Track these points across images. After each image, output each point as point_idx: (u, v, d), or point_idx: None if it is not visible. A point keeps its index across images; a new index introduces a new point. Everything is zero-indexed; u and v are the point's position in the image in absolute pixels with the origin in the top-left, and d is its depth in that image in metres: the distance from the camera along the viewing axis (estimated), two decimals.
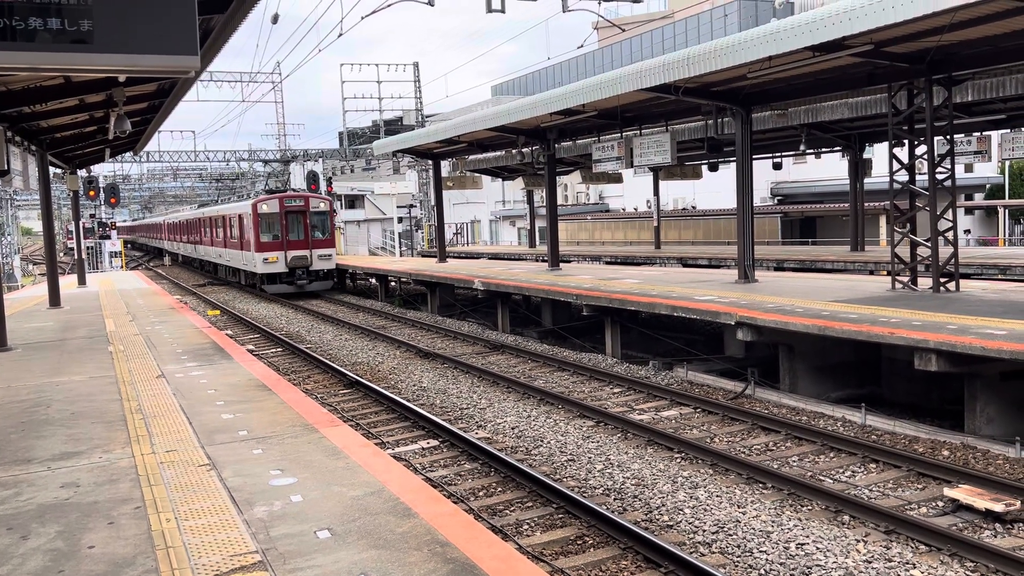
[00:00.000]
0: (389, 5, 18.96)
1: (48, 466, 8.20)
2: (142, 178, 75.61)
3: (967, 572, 7.45)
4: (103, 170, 60.94)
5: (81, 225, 34.20)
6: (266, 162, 56.75)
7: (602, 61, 66.13)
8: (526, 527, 8.99)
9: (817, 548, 8.07)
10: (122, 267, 52.88)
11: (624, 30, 32.56)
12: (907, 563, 7.67)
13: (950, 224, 16.44)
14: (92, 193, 33.46)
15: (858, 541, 8.20)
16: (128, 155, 43.94)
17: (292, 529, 6.27)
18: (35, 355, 15.17)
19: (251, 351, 18.13)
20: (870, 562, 7.72)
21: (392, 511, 6.56)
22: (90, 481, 7.65)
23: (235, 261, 39.66)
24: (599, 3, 21.26)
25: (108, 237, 52.28)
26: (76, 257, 35.70)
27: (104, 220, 53.64)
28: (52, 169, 27.70)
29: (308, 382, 17.16)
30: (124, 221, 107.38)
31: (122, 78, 13.48)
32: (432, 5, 19.03)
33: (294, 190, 48.27)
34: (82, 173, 32.81)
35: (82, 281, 32.96)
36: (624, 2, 21.79)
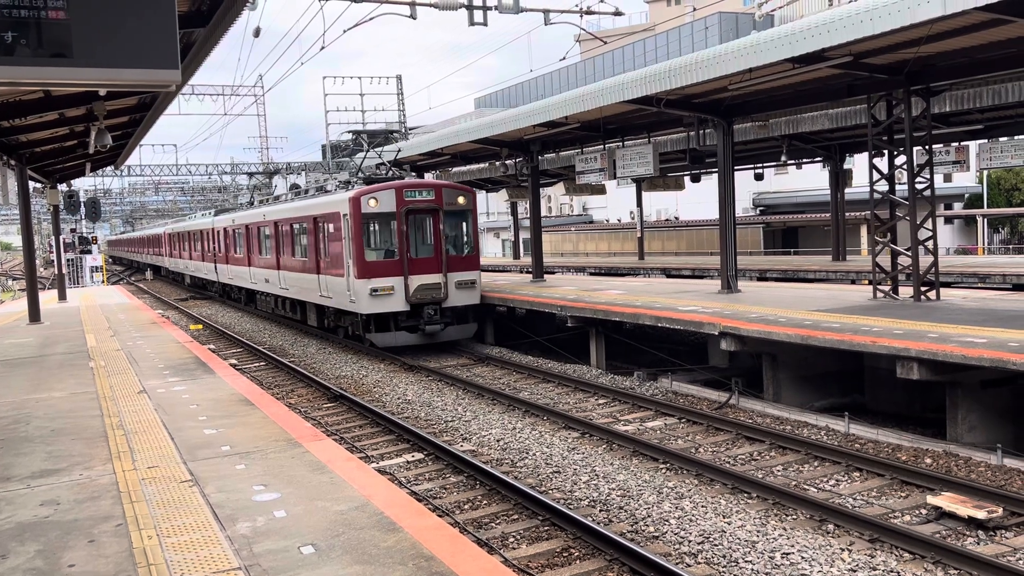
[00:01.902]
0: (371, 18, 18.95)
1: (28, 484, 8.11)
2: (123, 192, 75.37)
3: None
4: (84, 184, 60.63)
5: (61, 240, 33.97)
6: (250, 175, 56.36)
7: (584, 73, 66.41)
8: (512, 540, 8.96)
9: (802, 557, 8.08)
10: (103, 282, 52.52)
11: (606, 43, 32.71)
12: (891, 571, 7.69)
13: (930, 233, 16.55)
14: (73, 208, 33.18)
15: (843, 550, 8.21)
16: (109, 169, 43.76)
17: (276, 545, 6.22)
18: (14, 371, 15.03)
19: (234, 365, 18.03)
20: (855, 571, 7.74)
21: (377, 525, 6.52)
22: (70, 499, 7.57)
23: (306, 292, 25.28)
24: (581, 16, 21.30)
25: (89, 252, 51.87)
26: (56, 272, 35.42)
27: (85, 235, 53.20)
28: (32, 183, 27.55)
29: (292, 396, 17.07)
30: (106, 235, 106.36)
31: (102, 92, 13.43)
32: (414, 18, 19.02)
33: (412, 175, 32.68)
34: (62, 187, 32.59)
35: (63, 296, 32.69)
36: (606, 15, 21.83)
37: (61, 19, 5.33)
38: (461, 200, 21.91)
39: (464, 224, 22.27)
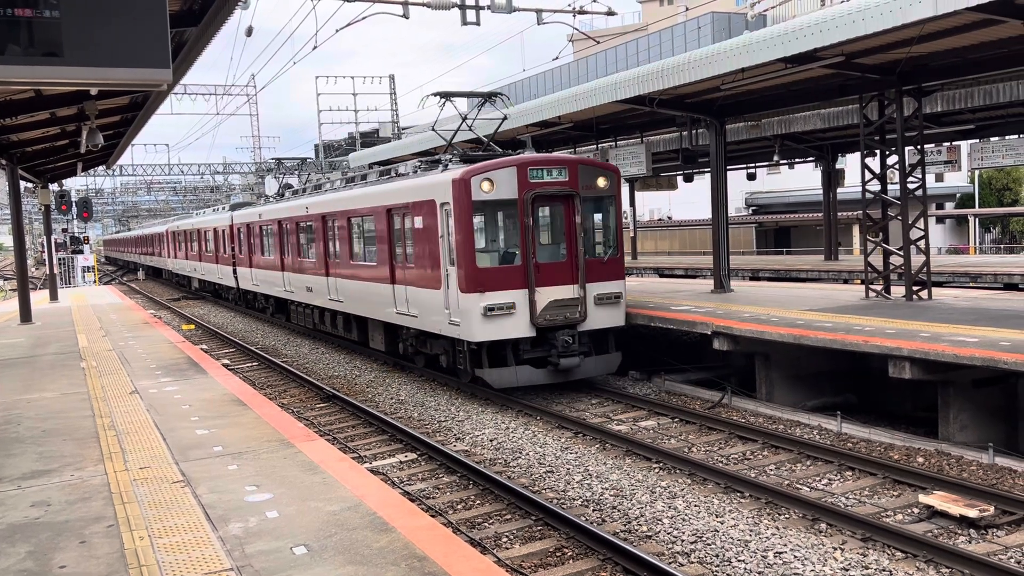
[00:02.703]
0: (363, 18, 18.92)
1: (18, 485, 8.08)
2: (115, 192, 75.20)
3: None
4: (75, 184, 60.49)
5: (53, 240, 33.86)
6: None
7: (577, 73, 66.42)
8: (505, 540, 8.95)
9: (795, 556, 8.09)
10: (95, 282, 52.35)
11: (599, 42, 32.77)
12: (884, 570, 7.71)
13: (922, 233, 16.60)
14: (64, 207, 33.06)
15: (835, 549, 8.23)
16: (101, 169, 43.67)
17: (268, 546, 6.21)
18: (5, 372, 14.97)
19: (226, 366, 17.99)
20: (847, 569, 7.75)
21: (369, 526, 6.51)
22: (62, 499, 7.54)
23: (372, 306, 19.35)
24: (574, 16, 21.32)
25: (81, 252, 51.68)
26: (48, 272, 35.29)
27: (77, 235, 52.99)
28: (23, 183, 27.43)
29: (284, 396, 17.03)
30: (98, 235, 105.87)
31: (94, 91, 13.39)
32: (407, 18, 18.99)
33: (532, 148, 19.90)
34: (54, 187, 32.49)
35: (54, 296, 32.59)
36: (599, 15, 21.88)
37: (52, 18, 5.30)
38: (602, 182, 15.85)
39: (605, 215, 16.33)
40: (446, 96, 18.25)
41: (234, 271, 33.35)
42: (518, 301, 14.92)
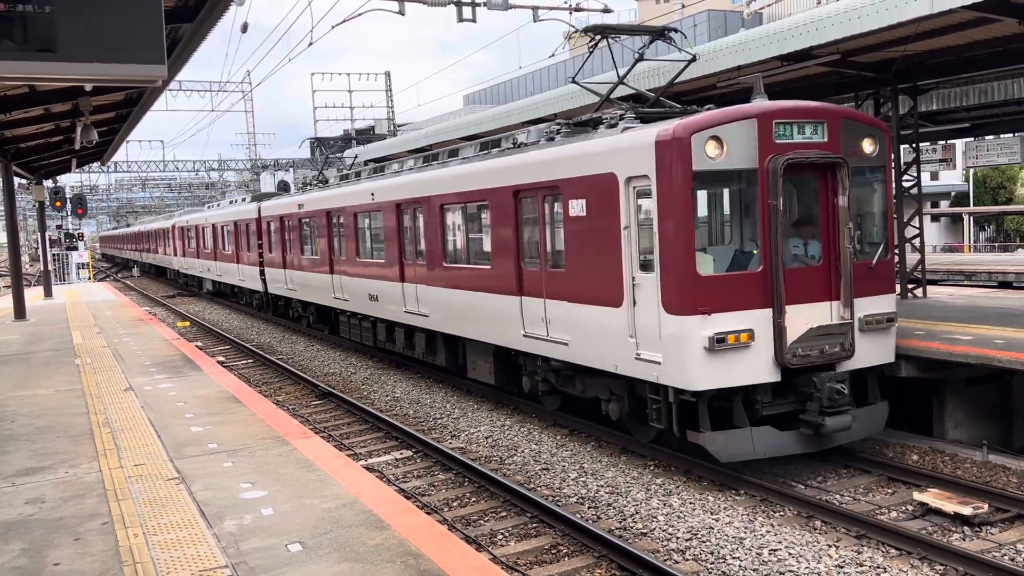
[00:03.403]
0: (359, 14, 18.90)
1: (12, 482, 8.07)
2: (110, 188, 75.06)
3: (937, 575, 7.51)
4: (70, 180, 60.43)
5: (47, 236, 33.80)
6: (242, 170, 56.14)
7: (573, 70, 66.48)
8: (500, 537, 8.95)
9: (790, 554, 8.10)
10: (90, 279, 52.28)
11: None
12: (878, 567, 7.72)
13: (917, 231, 16.63)
14: (59, 204, 32.98)
15: (830, 546, 8.24)
16: (95, 165, 43.57)
17: (263, 543, 6.20)
18: None
19: (221, 363, 17.97)
20: (842, 566, 7.76)
21: (365, 523, 6.51)
22: (56, 497, 7.53)
23: (484, 323, 14.25)
24: (570, 13, 21.34)
25: (75, 248, 51.60)
26: (42, 269, 35.22)
27: (71, 231, 52.88)
28: (17, 179, 27.37)
29: (280, 394, 17.01)
30: (93, 232, 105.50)
31: (88, 87, 13.35)
32: (403, 14, 18.96)
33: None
34: (48, 183, 32.42)
35: (48, 293, 32.53)
36: (595, 12, 21.86)
37: (47, 14, 5.29)
38: (868, 146, 10.84)
39: (871, 195, 11.36)
40: (603, 32, 13.01)
41: (261, 272, 28.16)
42: (758, 328, 9.92)
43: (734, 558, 8.11)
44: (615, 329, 10.71)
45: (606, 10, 21.90)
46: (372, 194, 18.38)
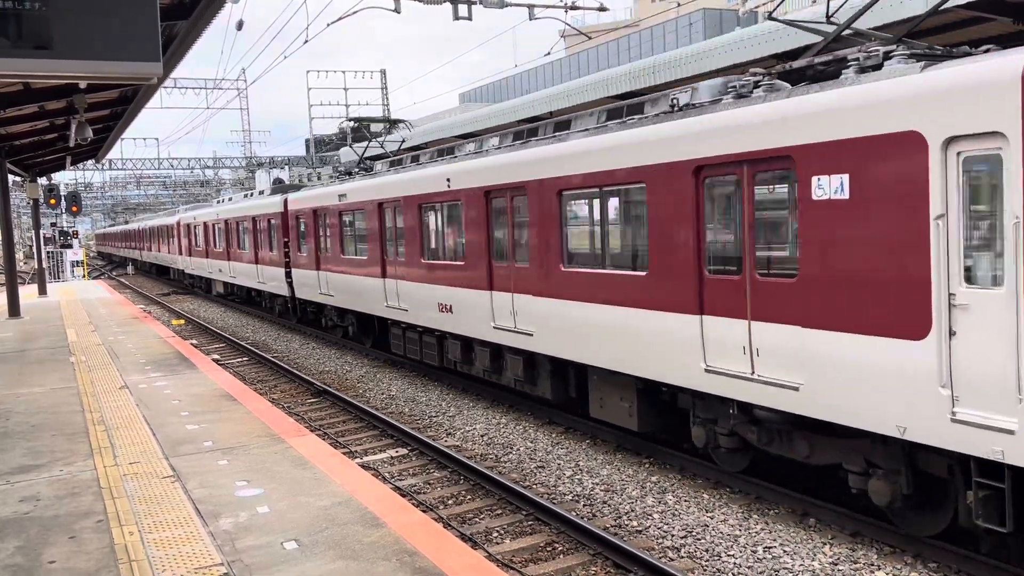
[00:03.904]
0: (355, 12, 18.89)
1: (7, 479, 8.06)
2: (104, 186, 74.94)
3: (930, 572, 7.54)
4: (64, 178, 60.40)
5: (42, 234, 33.74)
6: (237, 168, 56.06)
7: (569, 69, 66.42)
8: (496, 534, 8.97)
9: (784, 551, 8.12)
10: (84, 277, 52.18)
11: (591, 38, 32.73)
12: (872, 564, 7.75)
13: None
14: (53, 201, 32.94)
15: (824, 543, 8.26)
16: (90, 163, 43.47)
17: (259, 541, 6.21)
18: None
19: (216, 361, 17.97)
20: (836, 564, 7.79)
21: (360, 521, 6.52)
22: (51, 494, 7.53)
23: (627, 353, 10.66)
24: (566, 11, 21.32)
25: (70, 246, 51.52)
26: (37, 266, 35.16)
27: (66, 229, 52.81)
28: (11, 177, 27.32)
29: (275, 391, 17.01)
30: (88, 230, 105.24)
31: (83, 84, 13.33)
32: (398, 12, 18.96)
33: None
34: (43, 181, 32.36)
35: (43, 291, 32.48)
36: (591, 11, 21.85)
37: (42, 12, 5.29)
38: None
39: None
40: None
41: (287, 274, 24.89)
42: None
43: (729, 555, 8.13)
44: (906, 372, 7.30)
45: (602, 8, 21.88)
46: (448, 180, 14.80)
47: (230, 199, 34.85)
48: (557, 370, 12.69)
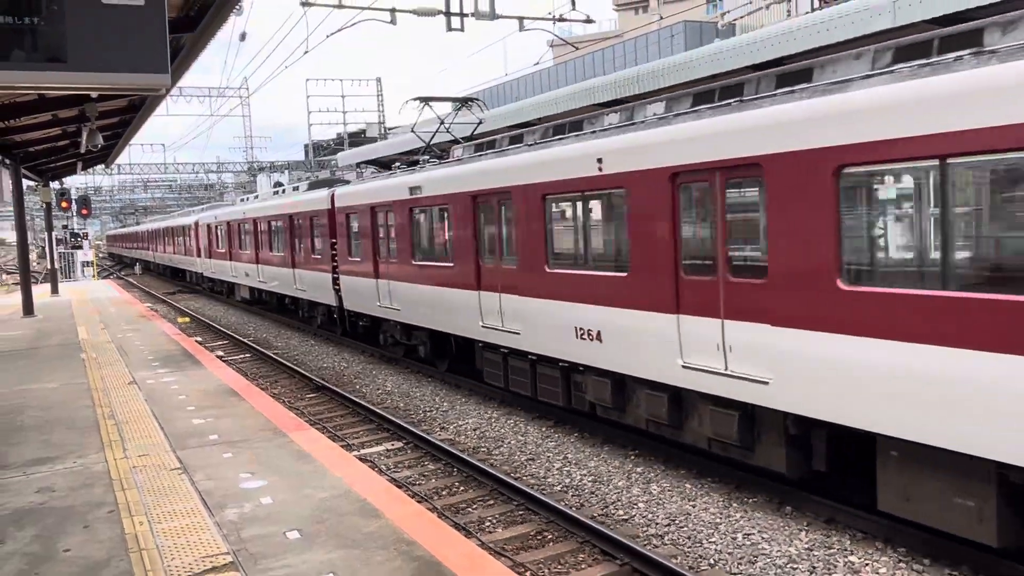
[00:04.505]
0: (353, 24, 18.86)
1: (23, 471, 8.03)
2: (113, 190, 74.65)
3: (900, 556, 7.58)
4: (75, 182, 60.02)
5: (54, 236, 33.59)
6: (239, 172, 55.90)
7: (556, 77, 66.40)
8: (488, 524, 8.97)
9: (762, 537, 8.16)
10: (94, 276, 51.92)
11: (577, 48, 32.77)
12: (845, 549, 7.78)
13: None
14: (65, 204, 32.79)
15: (800, 530, 8.29)
16: (100, 167, 43.28)
17: (263, 530, 6.20)
18: (8, 363, 14.85)
19: (220, 357, 17.93)
20: (811, 549, 7.82)
21: (359, 512, 6.52)
22: (65, 486, 7.51)
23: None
24: (553, 23, 21.34)
25: (80, 247, 51.27)
26: (49, 267, 35.01)
27: (76, 231, 52.53)
28: (26, 181, 27.20)
29: (276, 387, 16.97)
30: (97, 232, 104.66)
31: (95, 94, 13.29)
32: (394, 24, 18.95)
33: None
34: (55, 185, 32.22)
35: (55, 290, 32.34)
36: (577, 22, 21.87)
37: (57, 26, 5.28)
38: None
39: None
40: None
41: (335, 281, 20.70)
42: None
43: (710, 542, 8.16)
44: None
45: (588, 20, 21.91)
46: (599, 161, 10.40)
47: (256, 196, 30.64)
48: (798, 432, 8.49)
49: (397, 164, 17.44)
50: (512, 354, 12.92)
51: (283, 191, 27.10)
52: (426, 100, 17.98)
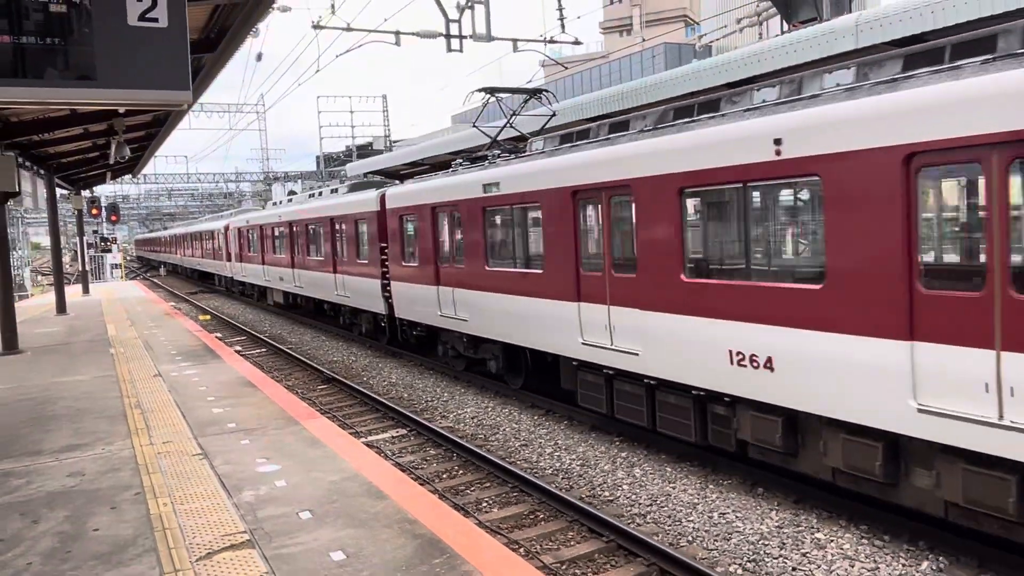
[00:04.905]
0: (360, 45, 18.88)
1: (56, 457, 8.01)
2: (140, 198, 74.51)
3: (862, 533, 7.59)
4: (105, 191, 59.81)
5: (85, 240, 33.50)
6: (256, 182, 55.75)
7: (548, 94, 66.43)
8: (485, 504, 8.97)
9: (736, 516, 8.16)
10: (122, 278, 51.76)
11: (567, 68, 32.79)
12: (812, 527, 7.80)
13: None
14: (95, 211, 32.69)
15: (771, 510, 8.30)
16: (127, 177, 43.19)
17: (277, 511, 6.19)
18: (44, 357, 14.81)
19: (238, 352, 17.89)
20: (781, 527, 7.83)
21: (366, 493, 6.51)
22: (94, 470, 7.49)
23: None
24: (545, 44, 21.38)
25: (109, 251, 51.15)
26: (80, 269, 34.89)
27: (106, 236, 52.39)
28: (59, 190, 27.13)
29: (290, 379, 16.94)
30: (125, 236, 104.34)
31: (122, 110, 13.26)
32: (398, 45, 18.97)
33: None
34: (86, 193, 32.12)
35: (86, 290, 32.26)
36: (567, 44, 21.88)
37: (87, 47, 5.27)
38: None
39: None
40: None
41: (384, 288, 17.87)
42: None
43: (688, 521, 8.17)
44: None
45: (576, 42, 21.92)
46: (776, 143, 7.73)
47: (289, 200, 27.64)
48: None
49: (459, 160, 15.01)
50: (619, 376, 10.35)
51: (318, 193, 24.17)
52: (493, 91, 15.35)
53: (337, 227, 20.74)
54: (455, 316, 14.34)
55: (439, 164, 24.90)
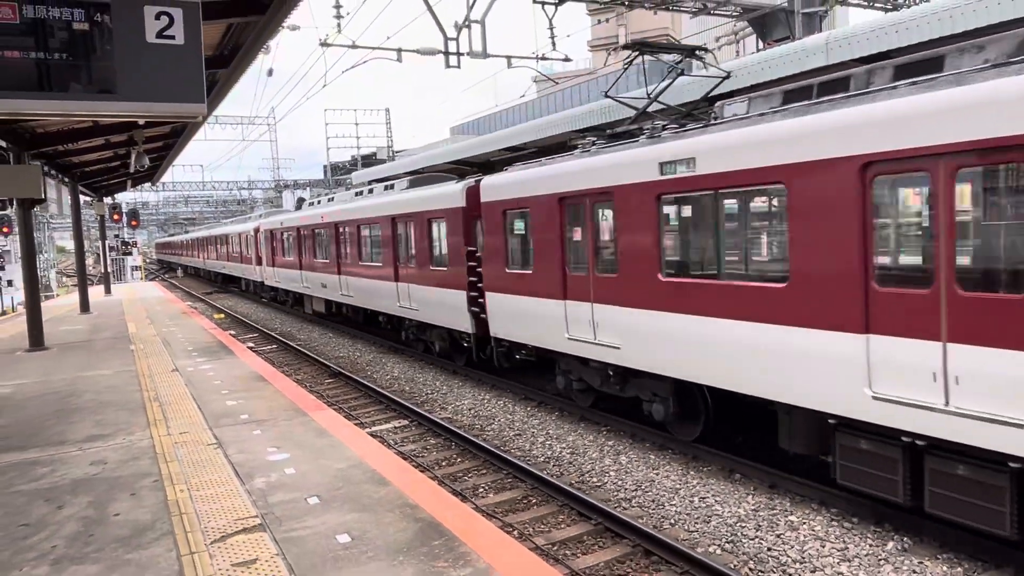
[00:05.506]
0: (365, 62, 18.86)
1: (80, 447, 7.98)
2: (159, 204, 74.36)
3: (832, 516, 7.61)
4: (125, 197, 59.70)
5: (107, 244, 33.37)
6: (268, 189, 55.61)
7: (540, 108, 66.43)
8: (481, 490, 8.96)
9: (715, 500, 8.17)
10: (142, 279, 51.57)
11: (558, 83, 32.83)
12: (786, 511, 7.81)
13: None
14: (116, 217, 32.57)
15: (748, 494, 8.31)
16: (147, 185, 43.06)
17: (287, 497, 6.18)
18: (68, 353, 14.75)
19: (251, 348, 17.84)
20: (757, 511, 7.84)
21: (370, 480, 6.50)
22: (115, 459, 7.46)
23: None
24: (537, 61, 21.36)
25: (130, 254, 50.97)
26: (103, 270, 34.76)
27: (127, 240, 52.19)
28: (82, 197, 27.03)
29: (299, 373, 16.90)
30: (144, 240, 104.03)
31: (142, 122, 13.22)
32: (400, 61, 18.95)
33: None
34: (108, 200, 32.02)
35: (108, 291, 32.15)
36: (557, 60, 21.87)
37: (108, 62, 5.25)
38: None
39: None
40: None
41: (472, 301, 13.82)
42: None
43: (671, 505, 8.17)
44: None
45: (566, 59, 21.91)
46: None
47: (330, 199, 23.37)
48: None
49: (592, 139, 11.28)
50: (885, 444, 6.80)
51: (366, 192, 20.39)
52: (643, 48, 11.56)
53: (401, 228, 16.66)
54: (596, 341, 10.38)
55: (546, 149, 19.42)
